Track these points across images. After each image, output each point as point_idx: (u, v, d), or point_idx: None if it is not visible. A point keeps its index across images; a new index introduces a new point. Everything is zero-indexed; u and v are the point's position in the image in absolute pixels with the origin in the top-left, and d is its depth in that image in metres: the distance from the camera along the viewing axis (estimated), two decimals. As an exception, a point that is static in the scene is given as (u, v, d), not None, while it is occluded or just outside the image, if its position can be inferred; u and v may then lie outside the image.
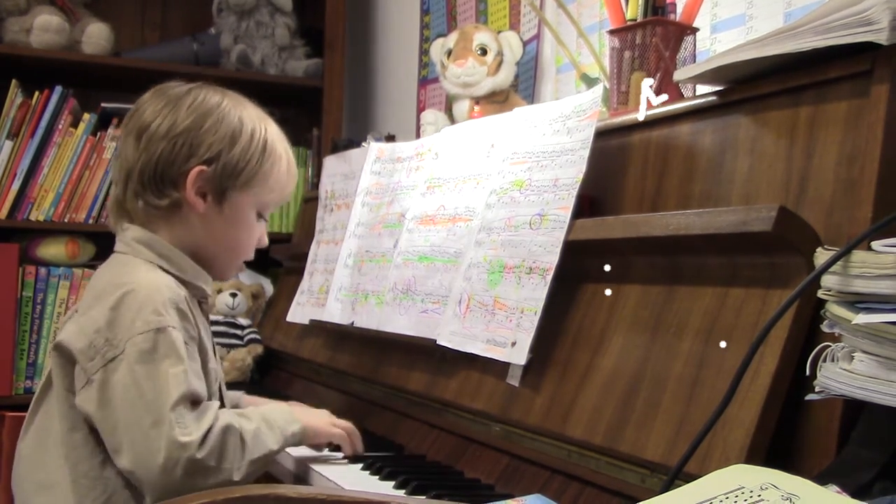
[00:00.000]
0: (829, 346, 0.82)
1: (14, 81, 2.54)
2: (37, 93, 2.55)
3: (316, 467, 1.33)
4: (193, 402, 1.19)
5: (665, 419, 0.99)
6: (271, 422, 1.27)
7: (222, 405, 1.33)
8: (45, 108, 2.54)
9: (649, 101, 1.27)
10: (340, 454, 1.39)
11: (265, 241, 1.44)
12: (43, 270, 2.56)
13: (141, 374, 1.17)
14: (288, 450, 1.34)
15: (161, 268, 1.30)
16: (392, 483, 1.23)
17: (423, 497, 1.15)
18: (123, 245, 1.34)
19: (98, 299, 1.24)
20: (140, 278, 1.25)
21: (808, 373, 0.84)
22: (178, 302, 1.25)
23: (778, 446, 0.90)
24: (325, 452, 1.40)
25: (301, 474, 1.36)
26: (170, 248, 1.32)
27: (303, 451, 1.39)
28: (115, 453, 1.18)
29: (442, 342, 1.40)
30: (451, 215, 1.53)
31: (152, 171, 1.31)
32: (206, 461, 1.16)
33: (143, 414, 1.16)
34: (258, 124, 1.37)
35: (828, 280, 0.82)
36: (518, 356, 1.23)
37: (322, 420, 1.38)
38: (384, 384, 1.61)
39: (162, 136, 1.30)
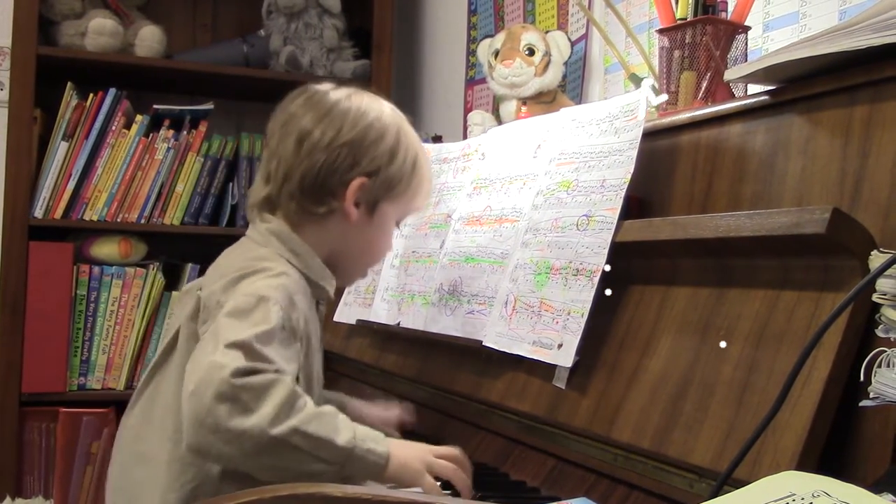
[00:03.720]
0: (885, 351, 0.80)
1: (69, 84, 2.60)
2: (91, 95, 2.60)
3: (362, 467, 1.33)
4: (254, 356, 1.10)
5: (714, 424, 0.98)
6: (356, 430, 1.14)
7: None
8: (100, 109, 2.59)
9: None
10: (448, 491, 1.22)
11: (391, 247, 1.48)
12: (96, 269, 2.61)
13: (224, 323, 1.14)
14: None
15: (289, 262, 1.31)
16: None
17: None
18: (257, 234, 1.35)
19: (224, 277, 1.25)
20: (271, 265, 1.26)
21: (862, 379, 0.82)
22: (294, 293, 1.24)
23: (830, 454, 0.89)
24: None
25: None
26: (302, 246, 1.32)
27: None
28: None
29: (488, 343, 1.39)
30: (498, 216, 1.52)
31: (313, 179, 1.31)
32: (237, 392, 1.06)
33: (206, 352, 1.11)
34: (412, 141, 1.38)
35: (883, 284, 0.80)
36: (564, 358, 1.22)
37: (417, 459, 1.18)
38: (430, 385, 1.61)
39: (325, 147, 1.31)
